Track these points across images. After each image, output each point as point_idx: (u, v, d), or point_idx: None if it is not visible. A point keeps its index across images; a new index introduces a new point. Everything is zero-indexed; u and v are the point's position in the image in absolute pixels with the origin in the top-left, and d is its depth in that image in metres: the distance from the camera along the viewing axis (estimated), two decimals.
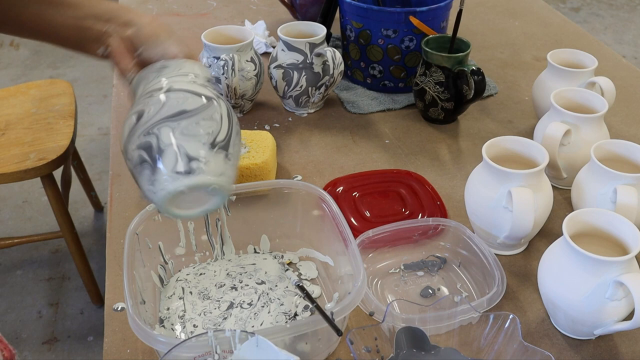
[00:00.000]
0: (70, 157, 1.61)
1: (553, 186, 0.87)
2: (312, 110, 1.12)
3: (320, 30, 1.06)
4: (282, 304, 0.74)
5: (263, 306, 0.74)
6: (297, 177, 0.96)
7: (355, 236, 0.77)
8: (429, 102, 1.05)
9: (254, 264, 0.80)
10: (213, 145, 0.57)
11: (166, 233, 0.76)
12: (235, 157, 0.60)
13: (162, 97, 0.59)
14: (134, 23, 0.66)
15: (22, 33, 0.70)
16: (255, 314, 0.73)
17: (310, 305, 0.73)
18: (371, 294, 0.70)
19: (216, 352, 0.57)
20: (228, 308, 0.74)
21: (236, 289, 0.77)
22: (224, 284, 0.77)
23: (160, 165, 0.55)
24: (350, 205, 0.89)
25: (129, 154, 0.58)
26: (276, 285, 0.77)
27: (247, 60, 1.04)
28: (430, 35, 1.06)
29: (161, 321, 0.72)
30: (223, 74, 1.00)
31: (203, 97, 0.59)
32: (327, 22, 1.21)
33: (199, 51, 1.07)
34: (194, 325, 0.72)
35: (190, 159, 0.56)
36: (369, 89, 1.18)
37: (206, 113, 0.58)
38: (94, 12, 0.66)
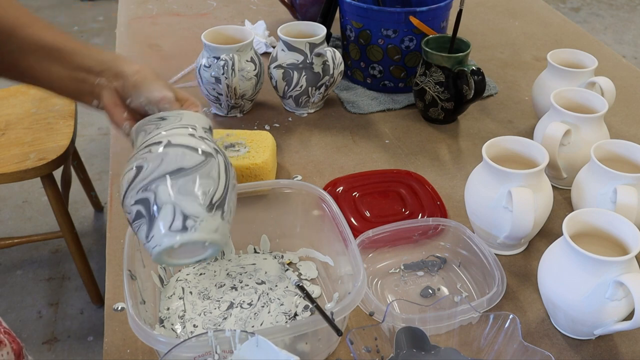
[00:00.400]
0: (70, 157, 1.61)
1: (553, 186, 0.87)
2: (312, 110, 1.12)
3: (320, 30, 1.06)
4: (282, 304, 0.74)
5: (263, 306, 0.74)
6: (297, 177, 0.96)
7: (355, 236, 0.77)
8: (429, 102, 1.05)
9: (254, 264, 0.80)
10: (210, 205, 0.59)
11: None
12: (230, 213, 0.62)
13: (161, 151, 0.60)
14: (122, 74, 0.67)
15: (24, 80, 0.71)
16: (255, 314, 0.73)
17: (310, 305, 0.73)
18: (371, 294, 0.70)
19: (216, 352, 0.57)
20: (228, 308, 0.74)
21: (236, 289, 0.77)
22: (224, 284, 0.77)
23: (156, 222, 0.57)
24: (350, 205, 0.89)
25: (128, 208, 0.59)
26: (276, 285, 0.77)
27: (247, 60, 1.04)
28: (430, 35, 1.06)
29: (161, 321, 0.72)
30: (223, 74, 1.00)
31: (201, 152, 0.61)
32: (327, 22, 1.21)
33: (199, 52, 1.07)
34: (194, 325, 0.72)
35: (185, 217, 0.57)
36: (369, 89, 1.18)
37: (204, 171, 0.60)
38: (87, 64, 0.67)
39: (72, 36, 0.69)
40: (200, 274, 0.79)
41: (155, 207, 0.57)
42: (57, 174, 1.61)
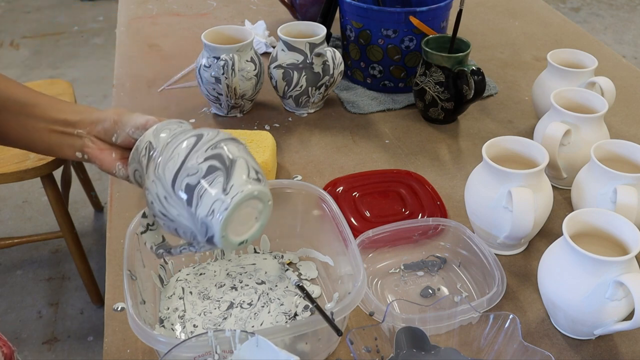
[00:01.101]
0: None
1: (553, 186, 0.87)
2: (312, 110, 1.12)
3: (320, 30, 1.06)
4: (282, 304, 0.74)
5: (263, 306, 0.74)
6: (297, 177, 0.96)
7: (355, 236, 0.77)
8: (429, 102, 1.05)
9: (254, 264, 0.80)
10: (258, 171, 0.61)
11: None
12: None
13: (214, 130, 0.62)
14: (99, 119, 0.66)
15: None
16: (255, 314, 0.73)
17: (310, 305, 0.73)
18: (371, 294, 0.70)
19: (216, 352, 0.57)
20: (228, 308, 0.74)
21: (236, 289, 0.77)
22: (224, 284, 0.77)
23: (235, 171, 0.58)
24: (350, 205, 0.89)
25: (194, 168, 0.59)
26: (276, 285, 0.77)
27: (247, 60, 1.04)
28: (430, 35, 1.06)
29: (161, 321, 0.72)
30: (223, 74, 1.00)
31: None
32: (327, 22, 1.21)
33: (199, 52, 1.07)
34: (194, 325, 0.72)
35: (256, 171, 0.60)
36: (369, 89, 1.18)
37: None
38: (62, 117, 0.67)
39: (39, 92, 0.69)
40: (200, 274, 0.79)
41: (229, 160, 0.59)
42: (57, 174, 1.61)
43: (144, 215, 0.67)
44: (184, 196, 0.58)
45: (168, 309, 0.74)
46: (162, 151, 0.61)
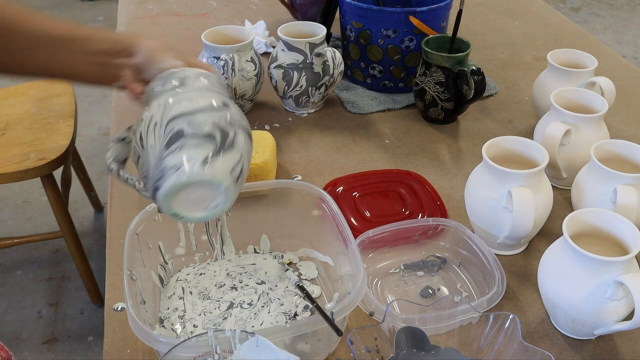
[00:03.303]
0: (70, 157, 1.61)
1: (553, 186, 0.87)
2: (312, 110, 1.12)
3: (320, 30, 1.06)
4: (282, 304, 0.74)
5: (263, 306, 0.74)
6: (297, 177, 0.96)
7: (355, 236, 0.77)
8: (429, 102, 1.05)
9: (254, 264, 0.80)
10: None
11: (166, 233, 0.76)
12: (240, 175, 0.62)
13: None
14: (140, 47, 0.67)
15: (41, 76, 0.70)
16: (255, 314, 0.73)
17: (310, 305, 0.73)
18: (371, 294, 0.70)
19: (216, 352, 0.57)
20: (228, 308, 0.74)
21: (236, 289, 0.77)
22: (224, 284, 0.77)
23: (226, 157, 0.58)
24: (350, 205, 0.89)
25: (197, 124, 0.58)
26: (276, 285, 0.77)
27: (247, 60, 1.04)
28: (430, 35, 1.06)
29: (161, 321, 0.72)
30: (223, 74, 1.00)
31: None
32: (327, 22, 1.21)
33: (199, 52, 1.07)
34: (194, 325, 0.72)
35: (241, 171, 0.60)
36: (369, 89, 1.18)
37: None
38: (103, 48, 0.67)
39: (77, 24, 0.69)
40: (200, 274, 0.79)
41: (229, 144, 0.59)
42: (57, 174, 1.61)
43: (128, 129, 0.66)
44: (169, 135, 0.57)
45: (168, 309, 0.74)
46: (188, 86, 0.61)
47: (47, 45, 0.66)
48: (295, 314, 0.73)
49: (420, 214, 0.87)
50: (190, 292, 0.76)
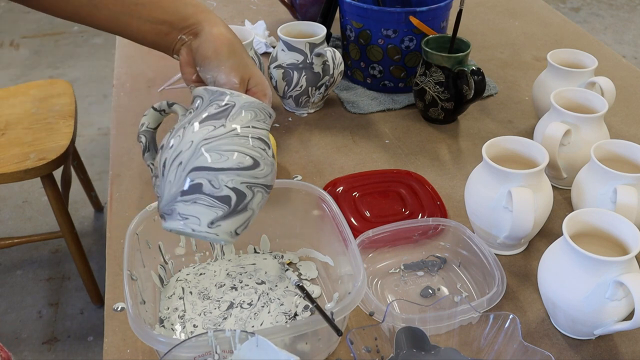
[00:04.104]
0: (70, 157, 1.61)
1: (553, 186, 0.87)
2: (312, 110, 1.12)
3: (320, 30, 1.06)
4: (282, 304, 0.74)
5: (263, 306, 0.74)
6: (297, 177, 0.96)
7: (355, 236, 0.77)
8: (429, 102, 1.05)
9: (254, 264, 0.80)
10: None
11: (166, 233, 0.76)
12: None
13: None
14: (202, 34, 0.65)
15: (103, 29, 0.69)
16: (255, 314, 0.73)
17: (310, 305, 0.73)
18: (371, 294, 0.70)
19: (216, 352, 0.57)
20: (228, 308, 0.74)
21: (236, 289, 0.77)
22: (224, 284, 0.77)
23: (234, 219, 0.62)
24: (350, 205, 0.89)
25: (216, 181, 0.59)
26: (276, 285, 0.77)
27: None
28: (430, 35, 1.06)
29: (161, 321, 0.72)
30: None
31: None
32: (327, 22, 1.21)
33: None
34: (194, 325, 0.72)
35: (245, 227, 0.64)
36: (369, 89, 1.18)
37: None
38: (169, 19, 0.66)
39: None
40: (200, 274, 0.79)
41: (242, 207, 0.61)
42: (57, 174, 1.61)
43: (170, 105, 0.66)
44: (188, 184, 0.58)
45: (168, 309, 0.74)
46: (228, 121, 0.61)
47: (109, 5, 0.65)
48: (295, 314, 0.73)
49: (420, 214, 0.87)
50: (190, 292, 0.76)
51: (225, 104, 0.62)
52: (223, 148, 0.59)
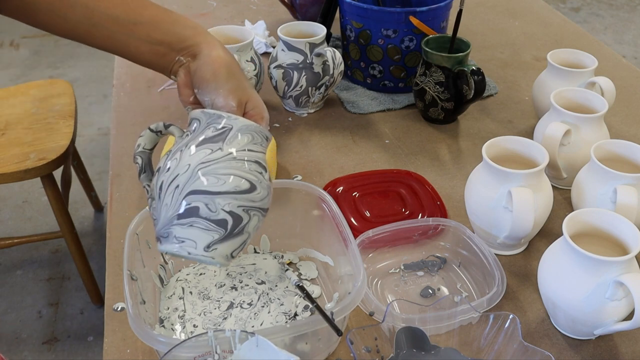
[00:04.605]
0: (70, 157, 1.61)
1: (553, 186, 0.87)
2: (312, 110, 1.12)
3: (320, 30, 1.06)
4: (282, 304, 0.74)
5: (263, 306, 0.74)
6: (297, 177, 0.96)
7: (355, 236, 0.77)
8: (429, 102, 1.05)
9: (254, 264, 0.80)
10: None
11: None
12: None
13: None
14: (200, 56, 0.65)
15: (100, 48, 0.68)
16: (255, 314, 0.73)
17: (310, 305, 0.73)
18: (371, 294, 0.70)
19: (216, 352, 0.57)
20: (228, 308, 0.74)
21: (236, 289, 0.77)
22: (224, 284, 0.77)
23: (230, 243, 0.61)
24: (350, 205, 0.89)
25: (213, 204, 0.59)
26: (276, 285, 0.77)
27: (247, 60, 1.04)
28: (430, 35, 1.06)
29: (161, 321, 0.72)
30: None
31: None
32: (327, 22, 1.21)
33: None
34: (194, 325, 0.72)
35: (240, 249, 0.64)
36: (369, 89, 1.18)
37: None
38: (167, 40, 0.65)
39: (146, 3, 0.66)
40: (200, 274, 0.79)
41: (239, 230, 0.61)
42: (57, 174, 1.61)
43: (166, 126, 0.66)
44: (184, 208, 0.59)
45: (168, 309, 0.74)
46: (225, 144, 0.61)
47: (107, 24, 0.64)
48: (295, 314, 0.73)
49: (420, 214, 0.87)
50: (190, 292, 0.76)
51: (222, 127, 0.62)
52: (220, 172, 0.59)
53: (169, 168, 0.60)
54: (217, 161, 0.60)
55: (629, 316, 0.64)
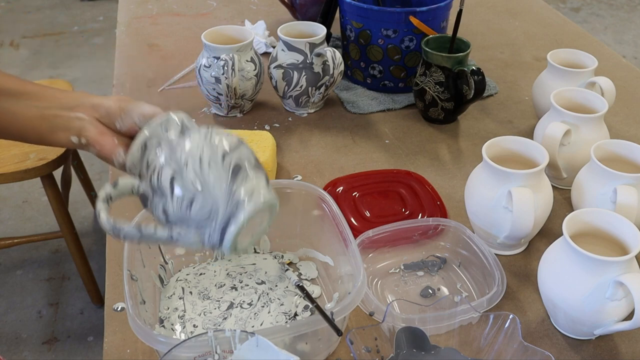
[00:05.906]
0: (70, 157, 1.61)
1: (553, 186, 0.87)
2: (312, 110, 1.12)
3: (320, 30, 1.06)
4: (282, 304, 0.74)
5: (263, 306, 0.74)
6: (297, 177, 0.96)
7: (355, 236, 0.77)
8: (429, 102, 1.05)
9: (254, 264, 0.80)
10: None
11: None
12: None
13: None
14: (102, 105, 0.63)
15: None
16: (255, 314, 0.73)
17: (310, 305, 0.73)
18: (371, 294, 0.70)
19: (216, 352, 0.57)
20: (228, 308, 0.74)
21: (236, 289, 0.77)
22: (224, 284, 0.77)
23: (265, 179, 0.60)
24: (350, 205, 0.89)
25: (243, 154, 0.59)
26: (276, 285, 0.77)
27: (247, 60, 1.04)
28: (430, 35, 1.06)
29: (161, 321, 0.72)
30: (223, 74, 1.00)
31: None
32: (327, 22, 1.21)
33: (199, 52, 1.07)
34: (194, 325, 0.72)
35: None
36: (369, 89, 1.18)
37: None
38: (58, 103, 0.63)
39: (29, 81, 0.65)
40: (200, 274, 0.79)
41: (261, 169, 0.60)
42: (57, 174, 1.61)
43: (114, 185, 0.63)
44: (231, 170, 0.57)
45: (168, 309, 0.74)
46: (194, 127, 0.61)
47: None
48: (295, 314, 0.73)
49: (420, 214, 0.87)
50: (190, 292, 0.76)
51: (178, 123, 0.61)
52: (221, 133, 0.60)
53: (184, 163, 0.58)
54: (210, 132, 0.60)
55: (629, 316, 0.64)
